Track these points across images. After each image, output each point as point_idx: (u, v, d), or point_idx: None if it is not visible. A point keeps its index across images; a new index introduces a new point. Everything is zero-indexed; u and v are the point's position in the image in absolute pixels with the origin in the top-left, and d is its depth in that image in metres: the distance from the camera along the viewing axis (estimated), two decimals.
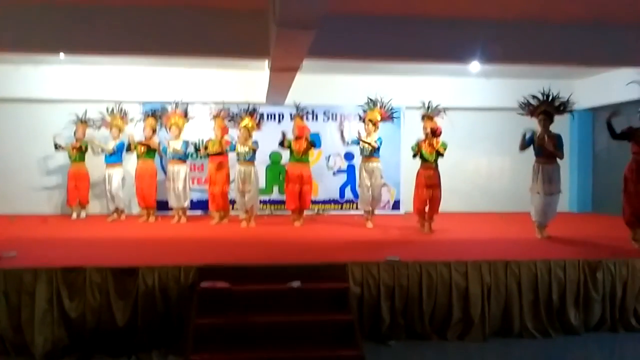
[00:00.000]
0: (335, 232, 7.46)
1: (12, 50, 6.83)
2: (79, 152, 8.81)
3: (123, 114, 8.79)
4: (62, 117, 9.03)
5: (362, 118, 8.01)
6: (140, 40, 6.16)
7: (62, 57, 7.92)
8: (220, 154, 8.26)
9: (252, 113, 8.09)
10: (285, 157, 8.70)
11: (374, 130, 7.77)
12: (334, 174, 10.10)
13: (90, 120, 8.89)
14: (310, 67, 7.16)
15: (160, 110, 8.67)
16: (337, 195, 10.09)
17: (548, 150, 6.54)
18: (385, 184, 9.02)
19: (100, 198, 9.13)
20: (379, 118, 7.81)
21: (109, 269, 4.63)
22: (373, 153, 7.74)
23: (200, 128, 9.12)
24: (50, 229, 7.58)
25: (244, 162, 7.89)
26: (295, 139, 8.02)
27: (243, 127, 7.91)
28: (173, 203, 8.44)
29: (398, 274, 4.88)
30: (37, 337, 4.40)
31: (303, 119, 8.36)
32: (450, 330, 4.89)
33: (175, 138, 8.39)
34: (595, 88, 9.79)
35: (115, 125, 8.65)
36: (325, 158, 10.03)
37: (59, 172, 9.42)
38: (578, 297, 5.09)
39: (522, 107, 6.82)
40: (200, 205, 9.41)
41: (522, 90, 6.99)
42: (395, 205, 10.14)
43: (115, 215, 8.68)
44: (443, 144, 7.12)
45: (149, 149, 8.48)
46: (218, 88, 9.66)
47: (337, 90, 9.87)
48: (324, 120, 10.07)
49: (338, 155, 10.03)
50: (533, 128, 6.75)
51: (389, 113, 7.97)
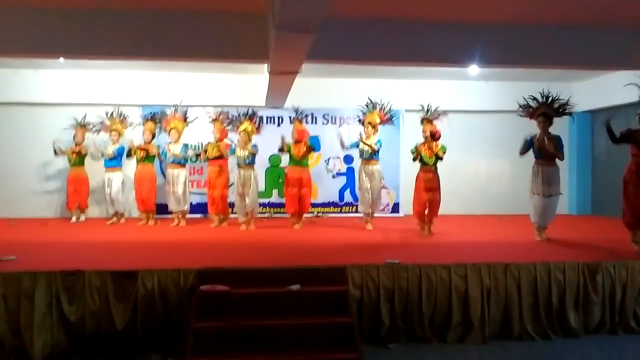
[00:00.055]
0: (335, 235, 7.46)
1: (11, 54, 6.83)
2: (79, 156, 8.82)
3: (122, 118, 8.81)
4: (61, 120, 9.04)
5: (361, 121, 8.02)
6: (140, 44, 6.17)
7: (61, 61, 7.95)
8: (220, 158, 8.26)
9: (251, 117, 8.09)
10: (285, 160, 8.71)
11: (374, 133, 7.79)
12: (334, 177, 10.11)
13: (90, 125, 8.90)
14: (310, 70, 7.17)
15: (160, 114, 8.68)
16: (336, 198, 10.10)
17: (548, 152, 6.54)
18: (385, 187, 9.02)
19: (100, 202, 9.14)
20: (379, 121, 7.83)
21: (109, 273, 4.63)
22: (372, 156, 7.75)
23: (200, 132, 9.14)
24: (50, 233, 7.58)
25: (244, 165, 7.89)
26: (295, 143, 8.03)
27: (242, 131, 7.92)
28: (173, 207, 8.45)
29: (398, 277, 4.87)
30: (36, 340, 4.39)
31: (302, 123, 8.37)
32: (450, 333, 4.88)
33: (175, 142, 8.39)
34: (594, 90, 9.82)
35: (115, 129, 8.66)
36: (325, 161, 10.04)
37: (59, 175, 9.43)
38: (578, 299, 5.09)
39: (521, 109, 6.83)
40: (200, 209, 9.41)
41: (520, 93, 7.00)
42: (395, 208, 10.15)
43: (115, 219, 8.68)
44: (442, 148, 7.12)
45: (149, 154, 8.49)
46: (217, 91, 9.69)
47: (336, 94, 9.89)
48: (323, 123, 10.09)
49: (337, 158, 10.05)
50: (535, 134, 6.74)
51: (388, 116, 7.99)
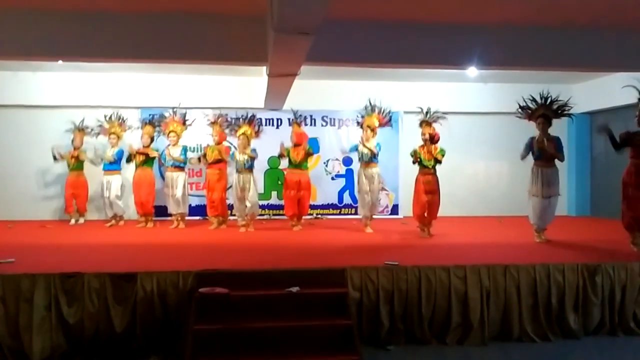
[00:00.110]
0: (334, 236, 7.45)
1: (10, 56, 6.84)
2: (77, 160, 8.81)
3: (121, 121, 8.80)
4: (60, 123, 9.03)
5: (360, 124, 8.00)
6: (139, 47, 6.18)
7: (60, 63, 7.95)
8: (221, 162, 8.26)
9: (251, 121, 8.07)
10: (284, 162, 8.70)
11: (373, 136, 7.76)
12: (333, 179, 10.11)
13: (88, 128, 8.89)
14: (309, 72, 7.17)
15: (159, 117, 8.68)
16: (335, 200, 10.10)
17: (548, 154, 6.54)
18: (384, 189, 9.02)
19: (99, 205, 9.12)
20: (377, 124, 7.80)
21: (108, 275, 4.62)
22: (372, 159, 7.72)
23: (199, 134, 9.14)
24: (49, 235, 7.57)
25: (243, 170, 7.87)
26: (294, 146, 8.02)
27: (242, 134, 7.91)
28: (172, 209, 8.44)
29: (397, 279, 4.87)
30: (35, 343, 4.38)
31: (301, 126, 8.36)
32: (450, 335, 4.88)
33: (174, 145, 8.39)
34: (593, 92, 9.84)
35: (114, 133, 8.65)
36: (324, 163, 10.04)
37: (58, 178, 9.42)
38: (577, 301, 5.09)
39: (520, 110, 6.83)
40: (199, 211, 9.40)
41: (519, 95, 7.00)
42: (394, 210, 10.15)
43: (114, 221, 8.66)
44: (441, 151, 7.12)
45: (147, 158, 8.48)
46: (216, 94, 9.69)
47: (335, 96, 9.91)
48: (322, 125, 10.10)
49: (336, 160, 10.05)
50: (534, 136, 6.74)
51: (387, 119, 7.97)
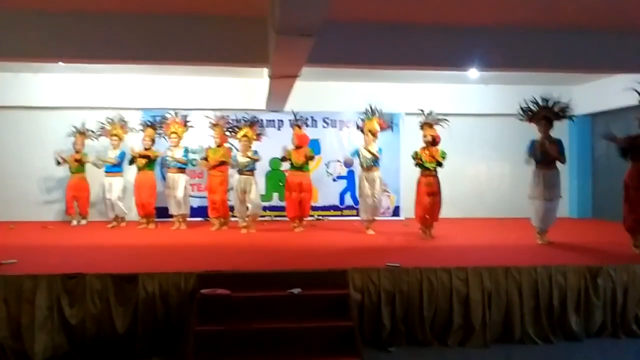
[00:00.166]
0: (336, 238, 7.45)
1: (11, 58, 6.84)
2: (79, 163, 8.82)
3: (123, 123, 8.80)
4: (61, 124, 9.05)
5: (360, 128, 7.96)
6: (140, 48, 6.18)
7: (61, 64, 7.96)
8: (224, 164, 8.27)
9: (252, 124, 8.04)
10: (285, 164, 8.70)
11: (373, 140, 7.73)
12: (334, 180, 10.11)
13: (89, 131, 8.89)
14: (310, 73, 7.17)
15: (160, 119, 8.67)
16: (337, 202, 10.10)
17: (550, 156, 6.54)
18: (386, 190, 9.02)
19: (101, 208, 9.12)
20: (378, 128, 7.76)
21: (109, 276, 4.63)
22: (374, 163, 7.70)
23: (200, 136, 9.15)
24: (51, 236, 7.58)
25: (244, 172, 7.87)
26: (295, 149, 8.03)
27: (243, 137, 7.90)
28: (173, 210, 8.44)
29: (398, 280, 4.87)
30: (37, 343, 4.39)
31: (302, 128, 8.35)
32: (451, 337, 4.87)
33: (175, 146, 8.40)
34: (594, 94, 9.83)
35: (115, 134, 8.66)
36: (325, 164, 10.05)
37: (60, 179, 9.40)
38: (579, 303, 5.08)
39: (522, 112, 6.82)
40: (200, 212, 9.40)
41: (520, 96, 7.00)
42: (396, 212, 10.15)
43: (116, 222, 8.67)
44: (442, 154, 7.11)
45: (149, 160, 8.48)
46: (218, 95, 9.70)
47: (336, 97, 9.91)
48: (324, 127, 10.10)
49: (338, 162, 10.05)
50: (536, 139, 6.72)
51: (388, 123, 7.94)
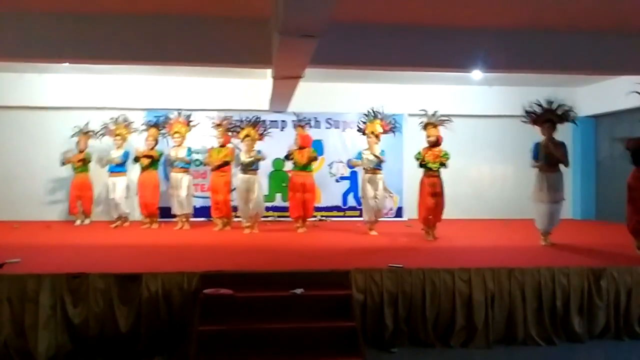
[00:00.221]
0: (338, 239, 7.45)
1: (16, 58, 6.88)
2: (83, 163, 8.86)
3: (127, 123, 8.83)
4: (66, 124, 9.08)
5: (361, 130, 7.93)
6: (144, 49, 6.21)
7: (66, 65, 7.99)
8: (227, 164, 8.28)
9: (255, 124, 8.07)
10: (288, 164, 8.71)
11: (376, 143, 7.71)
12: (337, 181, 10.12)
13: (92, 132, 8.91)
14: (313, 74, 7.19)
15: (163, 119, 8.71)
16: (340, 202, 10.11)
17: (555, 158, 6.53)
18: (389, 192, 9.00)
19: (104, 205, 9.15)
20: (381, 131, 7.74)
21: (113, 275, 4.64)
22: (377, 166, 7.67)
23: (203, 136, 9.17)
24: (54, 236, 7.60)
25: (248, 171, 7.88)
26: (298, 149, 8.03)
27: (247, 136, 7.91)
28: (176, 210, 8.46)
29: (401, 281, 4.87)
30: (40, 342, 4.40)
31: (305, 129, 8.37)
32: (454, 338, 4.87)
33: (179, 146, 8.42)
34: (598, 96, 9.81)
35: (119, 134, 8.68)
36: (328, 165, 10.06)
37: (63, 179, 9.44)
38: (582, 304, 5.07)
39: (526, 115, 6.80)
40: (203, 213, 9.42)
41: (524, 98, 6.99)
42: (398, 213, 10.15)
43: (119, 222, 8.70)
44: (446, 155, 7.10)
45: (153, 160, 8.50)
46: (221, 96, 9.73)
47: (339, 98, 9.92)
48: (327, 128, 10.12)
49: (341, 163, 10.06)
50: (540, 141, 6.70)
51: (391, 126, 7.92)
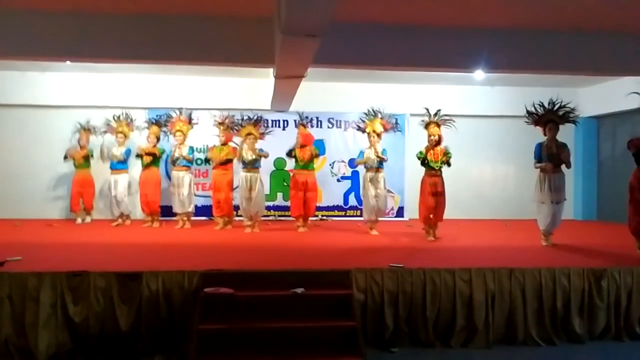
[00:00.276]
0: (339, 238, 7.45)
1: (19, 57, 6.90)
2: (84, 159, 8.87)
3: (129, 121, 8.85)
4: (68, 123, 9.09)
5: (361, 128, 7.92)
6: (146, 48, 6.22)
7: (68, 63, 8.01)
8: (229, 162, 8.29)
9: (256, 123, 8.07)
10: (290, 163, 8.71)
11: (377, 142, 7.71)
12: (338, 181, 10.12)
13: (94, 128, 8.93)
14: (315, 74, 7.19)
15: (165, 117, 8.72)
16: (341, 202, 10.10)
17: (557, 159, 6.52)
18: (390, 191, 9.01)
19: (105, 203, 9.17)
20: (382, 129, 7.72)
21: (113, 274, 4.64)
22: (379, 165, 7.66)
23: (205, 135, 9.19)
24: (55, 234, 7.61)
25: (251, 169, 7.88)
26: (300, 147, 8.04)
27: (249, 134, 7.90)
28: (177, 209, 8.46)
29: (402, 281, 4.87)
30: (40, 341, 4.41)
31: (307, 127, 8.36)
32: (454, 338, 4.87)
33: (180, 144, 8.43)
34: (600, 96, 9.80)
35: (121, 132, 8.70)
36: (330, 165, 10.06)
37: (65, 177, 9.47)
38: (583, 305, 5.07)
39: (528, 115, 6.79)
40: (205, 212, 9.43)
41: (526, 98, 6.98)
42: (399, 212, 10.14)
43: (120, 221, 8.72)
44: (448, 154, 7.10)
45: (155, 158, 8.51)
46: (223, 95, 9.73)
47: (341, 98, 9.92)
48: (329, 127, 10.11)
49: (342, 162, 10.07)
50: (542, 142, 6.69)
51: (392, 124, 7.91)
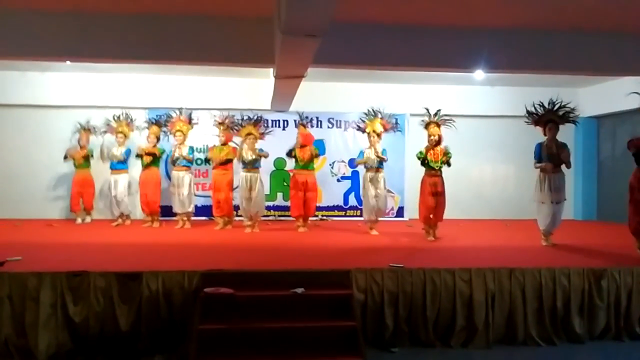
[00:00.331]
0: (339, 238, 7.45)
1: (19, 57, 6.89)
2: (84, 159, 8.87)
3: (129, 121, 8.84)
4: (68, 123, 9.09)
5: (361, 128, 7.91)
6: (146, 48, 6.22)
7: (68, 63, 8.01)
8: (229, 162, 8.29)
9: (256, 123, 8.06)
10: (289, 163, 8.71)
11: (377, 142, 7.69)
12: (338, 181, 10.12)
13: (94, 128, 8.93)
14: (315, 74, 7.19)
15: (165, 117, 8.71)
16: (341, 202, 10.10)
17: (557, 159, 6.53)
18: (390, 191, 9.01)
19: (105, 203, 9.17)
20: (382, 129, 7.71)
21: (113, 274, 4.64)
22: (379, 165, 7.65)
23: (205, 135, 9.19)
24: (55, 234, 7.61)
25: (251, 169, 7.88)
26: (300, 147, 8.03)
27: (249, 134, 7.91)
28: (177, 209, 8.46)
29: (402, 281, 4.87)
30: (40, 341, 4.41)
31: (307, 127, 8.36)
32: (454, 338, 4.87)
33: (180, 144, 8.43)
34: (600, 96, 9.80)
35: (121, 132, 8.69)
36: (330, 165, 10.06)
37: (65, 177, 9.47)
38: (582, 305, 5.07)
39: (528, 115, 6.79)
40: (205, 211, 9.43)
41: (526, 98, 6.98)
42: (399, 212, 10.14)
43: (120, 221, 8.72)
44: (449, 154, 7.10)
45: (155, 158, 8.51)
46: (223, 95, 9.73)
47: (341, 98, 9.92)
48: (329, 127, 10.11)
49: (342, 162, 10.07)
50: (543, 142, 6.69)
51: (392, 124, 7.90)
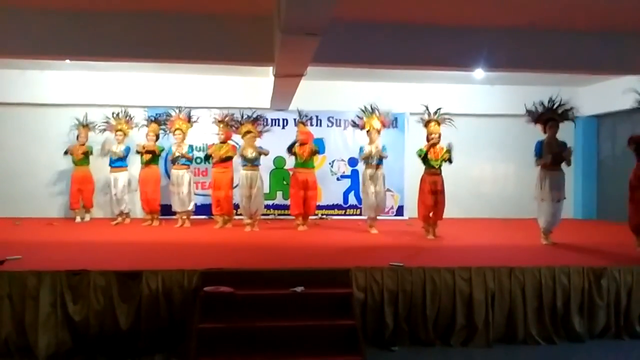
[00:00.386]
0: (339, 237, 7.45)
1: (18, 55, 6.89)
2: (84, 155, 8.87)
3: (128, 119, 8.84)
4: (67, 121, 9.09)
5: (357, 125, 7.90)
6: (146, 46, 6.22)
7: (68, 62, 8.00)
8: (229, 160, 8.28)
9: (254, 121, 8.04)
10: (289, 162, 8.70)
11: (377, 138, 7.69)
12: (338, 179, 10.11)
13: (92, 124, 8.93)
14: (315, 73, 7.17)
15: (164, 116, 8.71)
16: (340, 201, 10.10)
17: (558, 157, 6.53)
18: (389, 190, 9.01)
19: (105, 201, 9.17)
20: (380, 126, 7.69)
21: (113, 273, 4.64)
22: (378, 161, 7.65)
23: (204, 134, 9.18)
24: (55, 233, 7.61)
25: (251, 167, 7.87)
26: (300, 145, 8.03)
27: (248, 132, 7.90)
28: (177, 207, 8.46)
29: (402, 280, 4.87)
30: (40, 340, 4.41)
31: (306, 125, 8.36)
32: (454, 337, 4.87)
33: (180, 142, 8.42)
34: (599, 95, 9.80)
35: (120, 130, 8.69)
36: (329, 163, 10.05)
37: (64, 175, 9.45)
38: (582, 304, 5.07)
39: (528, 114, 6.79)
40: (204, 210, 9.42)
41: (526, 97, 6.98)
42: (399, 211, 10.14)
43: (120, 219, 8.71)
44: (448, 151, 7.09)
45: (154, 156, 8.51)
46: (223, 94, 9.72)
47: (341, 96, 9.91)
48: (328, 126, 10.10)
49: (342, 161, 10.06)
50: (543, 140, 6.69)
51: (390, 120, 7.89)
